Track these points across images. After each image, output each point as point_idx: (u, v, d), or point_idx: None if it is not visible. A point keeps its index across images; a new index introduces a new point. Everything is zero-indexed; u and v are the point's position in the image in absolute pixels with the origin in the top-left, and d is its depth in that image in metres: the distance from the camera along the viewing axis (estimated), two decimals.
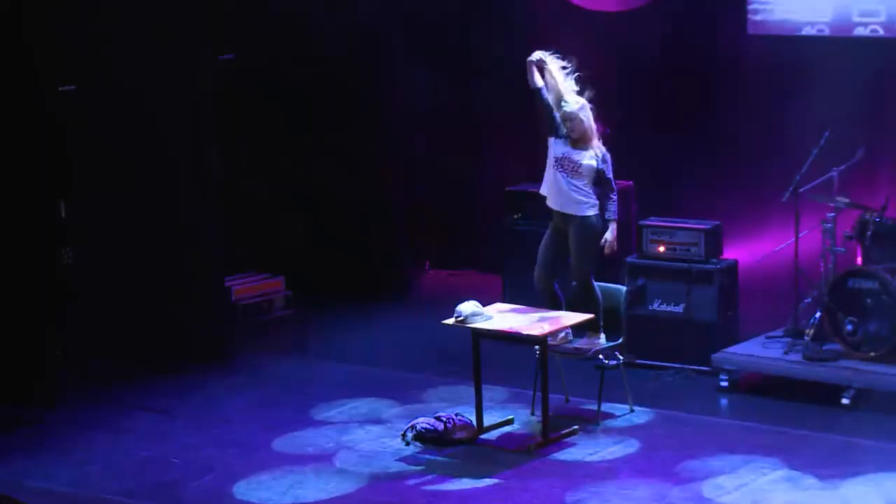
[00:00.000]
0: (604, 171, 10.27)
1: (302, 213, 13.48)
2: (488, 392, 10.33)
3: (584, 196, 10.25)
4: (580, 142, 10.25)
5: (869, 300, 10.40)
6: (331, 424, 10.30)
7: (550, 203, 10.37)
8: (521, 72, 13.14)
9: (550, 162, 10.32)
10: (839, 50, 11.70)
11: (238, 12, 12.88)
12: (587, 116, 10.27)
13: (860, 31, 11.48)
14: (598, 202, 10.31)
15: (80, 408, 10.71)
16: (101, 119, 11.58)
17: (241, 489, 9.22)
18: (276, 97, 13.40)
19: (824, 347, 10.57)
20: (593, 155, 10.25)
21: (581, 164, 10.22)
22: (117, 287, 11.74)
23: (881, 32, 11.52)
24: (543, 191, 10.42)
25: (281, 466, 9.55)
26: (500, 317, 10.03)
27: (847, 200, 10.75)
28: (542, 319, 9.95)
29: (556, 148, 10.31)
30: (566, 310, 10.27)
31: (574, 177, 10.22)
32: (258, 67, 13.23)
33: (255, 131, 13.28)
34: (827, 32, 11.68)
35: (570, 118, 10.24)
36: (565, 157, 10.24)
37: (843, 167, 10.74)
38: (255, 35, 13.19)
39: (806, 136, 11.03)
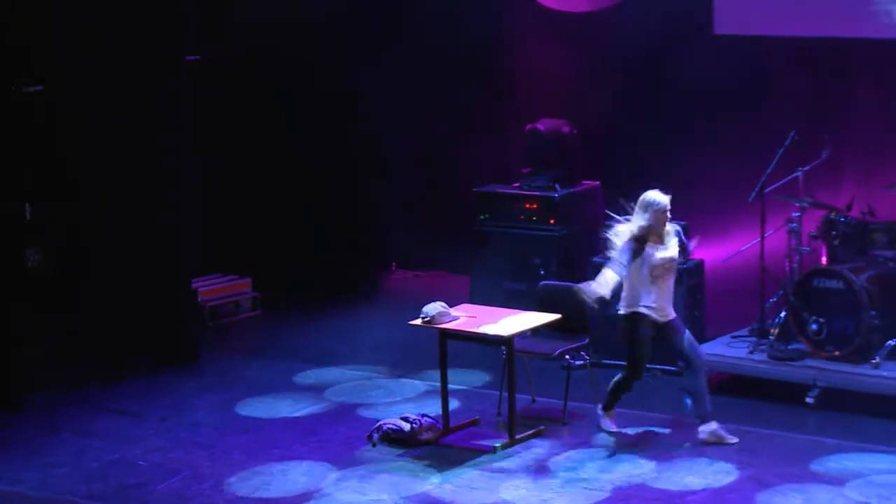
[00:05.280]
0: (681, 240, 9.75)
1: (268, 215, 13.47)
2: (455, 392, 10.35)
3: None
4: (658, 237, 9.61)
5: (834, 299, 10.45)
6: (297, 425, 10.30)
7: (657, 316, 9.64)
8: (492, 73, 13.22)
9: (644, 273, 9.56)
10: (805, 51, 11.75)
11: (215, 13, 12.90)
12: (655, 211, 9.54)
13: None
14: None
15: (47, 410, 10.68)
16: (74, 122, 11.57)
17: (207, 490, 9.21)
18: (248, 99, 13.40)
19: (789, 347, 10.62)
20: (670, 241, 9.64)
21: (672, 258, 9.65)
22: (84, 289, 11.72)
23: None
24: (646, 305, 9.63)
25: (247, 468, 9.54)
26: (467, 317, 10.04)
27: (812, 200, 10.81)
28: (508, 320, 9.97)
29: (648, 259, 9.59)
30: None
31: (671, 274, 9.69)
32: (230, 68, 13.24)
33: (223, 132, 13.27)
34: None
35: (653, 230, 9.53)
36: (660, 263, 9.58)
37: (808, 167, 10.80)
38: (230, 36, 13.20)
39: (772, 136, 11.08)
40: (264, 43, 13.22)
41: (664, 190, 9.62)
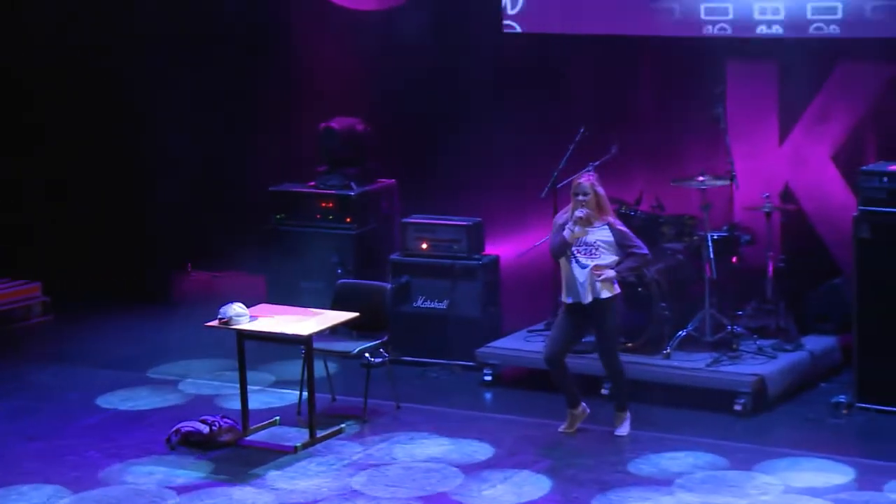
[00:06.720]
0: (623, 235, 9.67)
1: (58, 217, 13.20)
2: (254, 393, 10.28)
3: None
4: (590, 220, 9.63)
5: (626, 292, 10.59)
6: (93, 430, 10.12)
7: (568, 299, 9.69)
8: (287, 72, 13.14)
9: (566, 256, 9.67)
10: (593, 48, 11.95)
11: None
12: (598, 191, 9.63)
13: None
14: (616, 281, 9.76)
15: None
16: None
17: None
18: (34, 98, 13.12)
19: (583, 339, 10.77)
20: (605, 227, 9.65)
21: (597, 244, 9.65)
22: None
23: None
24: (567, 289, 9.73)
25: (41, 477, 9.32)
26: (264, 317, 9.98)
27: None
28: (305, 319, 9.94)
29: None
30: (611, 387, 10.09)
31: (592, 260, 9.63)
32: (13, 67, 12.97)
33: (12, 135, 12.99)
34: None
35: (583, 191, 9.58)
36: (580, 243, 9.65)
37: (598, 163, 10.99)
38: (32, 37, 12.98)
39: (563, 133, 11.25)
40: (56, 46, 12.98)
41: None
